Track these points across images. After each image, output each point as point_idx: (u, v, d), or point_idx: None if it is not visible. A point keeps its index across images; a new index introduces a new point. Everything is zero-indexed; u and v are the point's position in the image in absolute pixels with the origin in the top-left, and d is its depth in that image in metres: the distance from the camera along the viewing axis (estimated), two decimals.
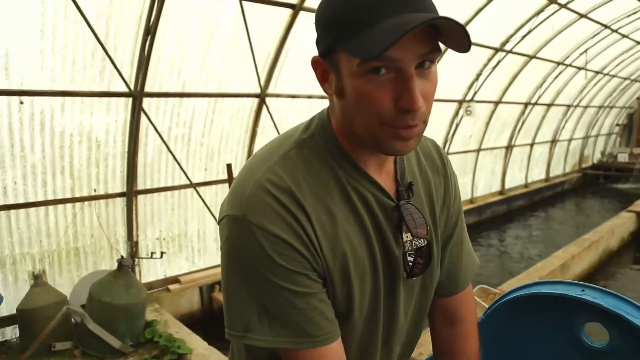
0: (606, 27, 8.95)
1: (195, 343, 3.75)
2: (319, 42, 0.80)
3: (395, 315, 0.97)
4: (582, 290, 1.21)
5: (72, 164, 4.09)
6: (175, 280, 4.93)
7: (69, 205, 4.16)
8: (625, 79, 13.46)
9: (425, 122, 0.79)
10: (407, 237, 0.91)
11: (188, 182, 4.73)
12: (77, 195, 4.18)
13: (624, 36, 9.82)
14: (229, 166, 2.86)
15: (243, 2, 3.96)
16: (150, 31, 3.78)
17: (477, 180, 9.68)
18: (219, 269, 3.65)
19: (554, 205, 11.86)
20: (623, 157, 15.32)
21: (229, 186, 3.29)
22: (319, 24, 0.79)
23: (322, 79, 0.82)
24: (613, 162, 15.41)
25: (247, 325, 0.82)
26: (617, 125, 17.28)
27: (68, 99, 3.85)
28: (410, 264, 0.92)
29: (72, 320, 3.69)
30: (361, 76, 0.73)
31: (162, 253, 4.60)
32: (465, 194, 9.40)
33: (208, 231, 5.20)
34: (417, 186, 0.95)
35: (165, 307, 4.55)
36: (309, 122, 0.90)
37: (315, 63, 0.82)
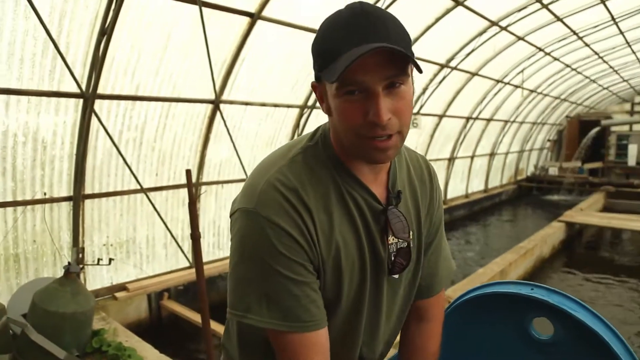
0: (540, 49, 9.60)
1: (147, 352, 3.67)
2: (314, 68, 0.94)
3: (379, 309, 1.08)
4: (532, 289, 1.35)
5: (14, 166, 3.91)
6: (122, 287, 4.79)
7: (9, 209, 3.96)
8: (556, 98, 14.42)
9: (400, 134, 0.91)
10: (392, 239, 1.04)
11: (138, 187, 4.63)
12: (20, 198, 3.99)
13: (555, 59, 10.56)
14: (188, 172, 2.86)
15: (202, 8, 3.96)
16: (106, 32, 3.70)
17: None
18: (168, 276, 3.72)
19: (492, 215, 12.47)
20: (554, 171, 16.35)
21: (188, 192, 3.27)
22: (312, 54, 0.94)
23: (320, 100, 0.97)
24: (545, 175, 16.42)
25: (247, 307, 0.93)
26: (549, 140, 18.43)
27: (13, 97, 3.69)
28: (393, 262, 1.04)
29: (11, 331, 3.51)
30: (340, 97, 0.87)
31: (109, 259, 4.45)
32: None
33: (157, 237, 5.09)
34: (405, 194, 1.08)
35: (112, 316, 4.41)
36: (315, 131, 1.04)
37: (314, 87, 0.98)
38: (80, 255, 4.37)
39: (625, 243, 9.78)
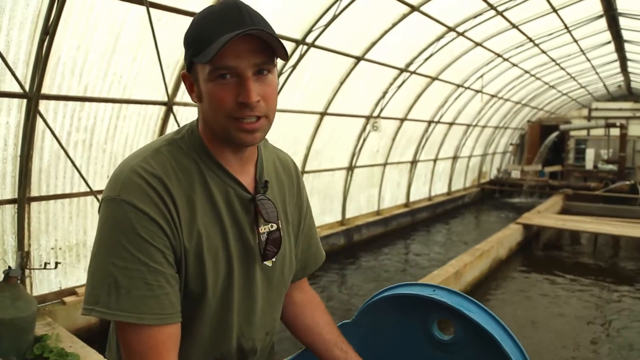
0: (499, 55, 9.86)
1: (91, 357, 3.59)
2: (185, 59, 0.99)
3: (254, 298, 1.10)
4: (433, 291, 1.39)
5: None
6: (71, 292, 4.68)
7: None
8: (517, 102, 14.83)
9: (267, 118, 0.98)
10: (263, 227, 1.07)
11: (88, 190, 4.53)
12: None
13: (514, 65, 10.87)
14: None
15: (151, 9, 3.92)
16: (48, 31, 3.62)
17: (384, 192, 10.15)
18: None
19: (455, 218, 12.71)
20: (516, 174, 16.76)
21: None
22: (184, 44, 0.98)
23: (190, 90, 1.00)
24: (507, 178, 16.81)
25: (97, 299, 0.89)
26: (511, 144, 18.92)
27: None
28: (264, 249, 1.07)
29: None
30: (212, 81, 0.92)
31: (56, 263, 4.36)
32: (372, 206, 9.82)
33: None
34: (272, 186, 1.13)
35: (59, 321, 4.30)
36: (182, 127, 1.07)
37: (184, 77, 1.01)
38: (25, 260, 4.25)
39: (582, 244, 10.11)
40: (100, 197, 4.14)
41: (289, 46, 5.77)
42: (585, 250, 9.75)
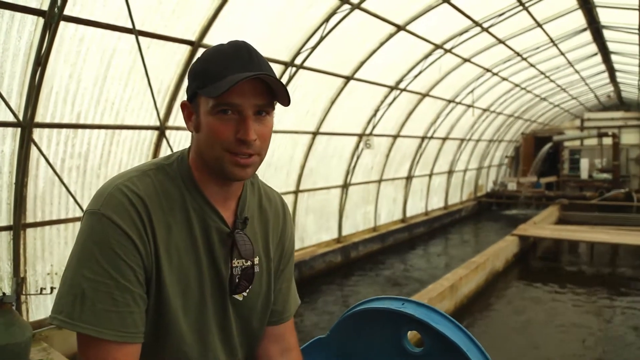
0: (488, 70, 10.02)
1: None
2: (188, 89, 1.04)
3: (229, 331, 1.12)
4: (402, 304, 1.45)
5: None
6: None
7: None
8: (510, 116, 14.97)
9: (260, 156, 1.03)
10: (236, 261, 1.10)
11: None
12: None
13: (504, 79, 11.03)
14: None
15: (140, 37, 4.03)
16: (40, 61, 3.72)
17: (380, 209, 10.20)
18: None
19: (452, 231, 12.73)
20: (512, 186, 16.82)
21: None
22: (190, 76, 1.03)
23: (187, 118, 1.05)
24: (504, 191, 16.87)
25: (62, 308, 0.90)
26: (507, 157, 19.02)
27: None
28: (237, 284, 1.10)
29: None
30: (213, 115, 0.98)
31: (52, 289, 4.39)
32: (368, 222, 9.86)
33: None
34: (252, 222, 1.15)
35: (55, 346, 4.31)
36: (172, 154, 1.11)
37: (183, 106, 1.06)
38: (21, 285, 4.29)
39: (579, 254, 10.13)
40: None
41: (278, 68, 5.89)
42: (582, 260, 9.77)
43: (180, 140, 5.40)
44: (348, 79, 7.11)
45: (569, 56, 10.68)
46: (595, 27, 9.12)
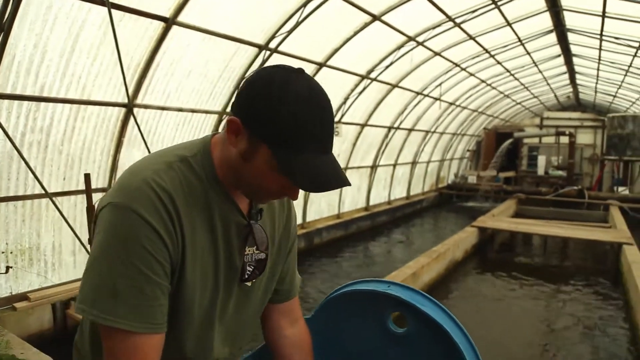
0: (457, 65, 10.20)
1: None
2: (251, 117, 0.94)
3: (233, 314, 1.16)
4: (388, 287, 1.48)
5: None
6: (23, 297, 4.53)
7: None
8: (474, 110, 15.33)
9: None
10: (249, 250, 1.13)
11: (43, 192, 4.41)
12: None
13: (471, 74, 11.26)
14: (87, 176, 2.79)
15: (112, 10, 3.87)
16: (3, 28, 3.53)
17: (344, 197, 10.29)
18: (75, 284, 3.59)
19: (414, 221, 12.99)
20: (472, 179, 17.30)
21: (87, 198, 3.19)
22: (262, 110, 0.93)
23: (235, 133, 0.98)
24: (464, 183, 17.34)
25: (94, 302, 0.92)
26: (468, 150, 19.51)
27: None
28: (248, 272, 1.14)
29: None
30: (271, 168, 0.96)
31: (7, 268, 4.23)
32: (332, 210, 9.94)
33: (64, 244, 4.88)
34: (264, 212, 1.18)
35: (9, 328, 4.15)
36: (192, 145, 1.08)
37: (232, 122, 0.97)
38: None
39: (533, 246, 10.55)
40: (55, 199, 4.01)
41: (252, 51, 5.80)
42: (536, 252, 10.19)
43: (148, 119, 5.26)
44: (321, 65, 7.08)
45: (534, 56, 11.00)
46: (560, 30, 9.42)
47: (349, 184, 0.97)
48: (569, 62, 12.23)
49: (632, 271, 6.39)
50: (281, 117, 0.91)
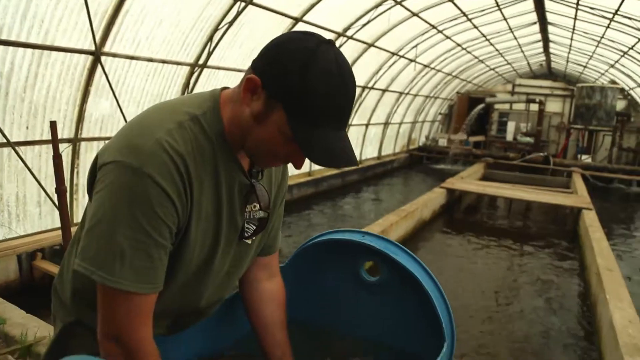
0: (434, 27, 10.11)
1: (10, 312, 3.45)
2: (273, 80, 0.93)
3: (227, 268, 1.19)
4: (363, 236, 1.50)
5: None
6: None
7: None
8: (448, 74, 15.35)
9: None
10: (248, 207, 1.15)
11: (5, 141, 4.24)
12: None
13: (447, 37, 11.20)
14: (52, 124, 2.69)
15: None
16: None
17: None
18: (41, 236, 3.54)
19: (385, 181, 13.16)
20: (443, 142, 17.54)
21: (53, 147, 3.08)
22: (286, 76, 0.91)
23: (251, 92, 0.97)
24: (435, 146, 17.56)
25: (101, 264, 0.92)
26: (440, 114, 19.67)
27: None
28: (248, 230, 1.16)
29: None
30: (283, 134, 0.95)
31: None
32: (303, 168, 9.92)
33: (29, 195, 4.75)
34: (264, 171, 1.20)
35: None
36: (201, 100, 1.05)
37: (252, 82, 0.95)
38: None
39: (499, 209, 10.88)
40: (18, 148, 3.88)
41: (226, 2, 5.59)
42: (500, 214, 10.53)
43: (117, 68, 5.06)
44: (297, 20, 6.90)
45: (510, 22, 10.98)
46: None
47: (357, 164, 0.97)
48: (544, 30, 12.28)
49: (589, 234, 6.71)
50: (305, 88, 0.90)
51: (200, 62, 5.96)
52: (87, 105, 4.94)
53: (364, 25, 8.13)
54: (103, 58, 4.74)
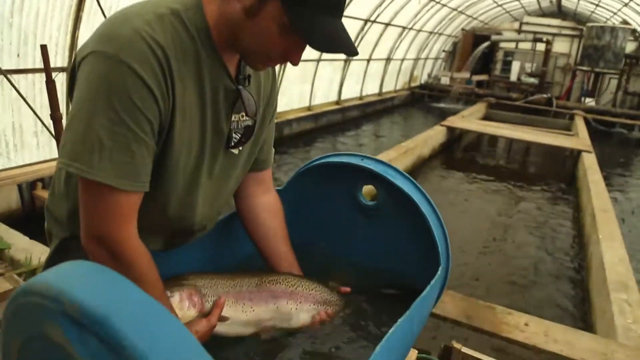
0: None
1: (14, 238, 3.51)
2: None
3: (218, 179, 1.17)
4: (362, 160, 1.49)
5: None
6: None
7: None
8: (454, 9, 14.78)
9: None
10: (235, 117, 1.11)
11: None
12: None
13: None
14: (43, 47, 2.60)
15: None
16: None
17: (316, 89, 10.10)
18: (41, 166, 3.52)
19: (384, 118, 13.03)
20: (445, 80, 17.20)
21: (45, 71, 2.99)
22: None
23: None
24: (437, 84, 17.23)
25: (77, 155, 0.88)
26: (444, 51, 19.15)
27: None
28: (235, 139, 1.12)
29: None
30: (279, 27, 0.91)
31: None
32: (303, 102, 9.82)
33: (25, 125, 4.69)
34: (252, 78, 1.15)
35: None
36: None
37: None
38: None
39: (499, 149, 10.87)
40: (9, 77, 3.78)
41: None
42: (500, 154, 10.53)
43: None
44: None
45: None
46: None
47: (357, 53, 0.97)
48: None
49: (587, 176, 6.73)
50: None
51: None
52: (80, 32, 4.76)
53: None
54: None
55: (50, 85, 2.65)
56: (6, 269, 3.24)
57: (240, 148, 1.17)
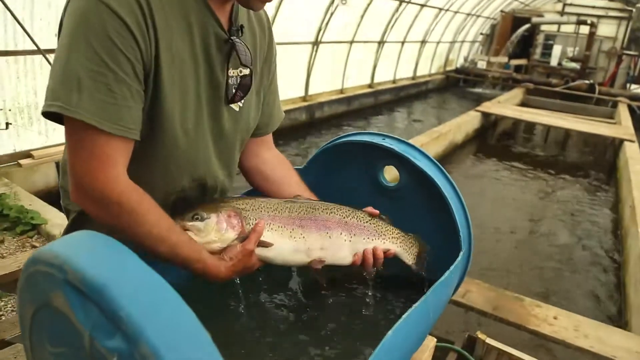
0: None
1: (51, 214, 3.65)
2: None
3: (221, 136, 1.13)
4: (383, 139, 1.45)
5: None
6: (27, 155, 4.60)
7: None
8: None
9: None
10: (233, 72, 1.08)
11: (35, 48, 4.23)
12: None
13: None
14: None
15: None
16: None
17: (348, 72, 9.98)
18: None
19: (418, 102, 12.83)
20: (482, 65, 16.72)
21: None
22: None
23: None
24: (473, 68, 16.76)
25: (58, 95, 0.87)
26: (482, 34, 18.58)
27: None
28: (233, 92, 1.09)
29: None
30: None
31: (7, 124, 4.22)
32: (336, 85, 9.74)
33: None
34: (245, 32, 1.12)
35: (16, 182, 4.28)
36: None
37: None
38: None
39: (535, 136, 10.54)
40: (49, 57, 3.86)
41: None
42: (537, 142, 10.21)
43: None
44: None
45: None
46: None
47: None
48: None
49: (628, 166, 6.45)
50: None
51: None
52: None
53: None
54: None
55: None
56: (43, 243, 3.37)
57: (241, 104, 1.14)
